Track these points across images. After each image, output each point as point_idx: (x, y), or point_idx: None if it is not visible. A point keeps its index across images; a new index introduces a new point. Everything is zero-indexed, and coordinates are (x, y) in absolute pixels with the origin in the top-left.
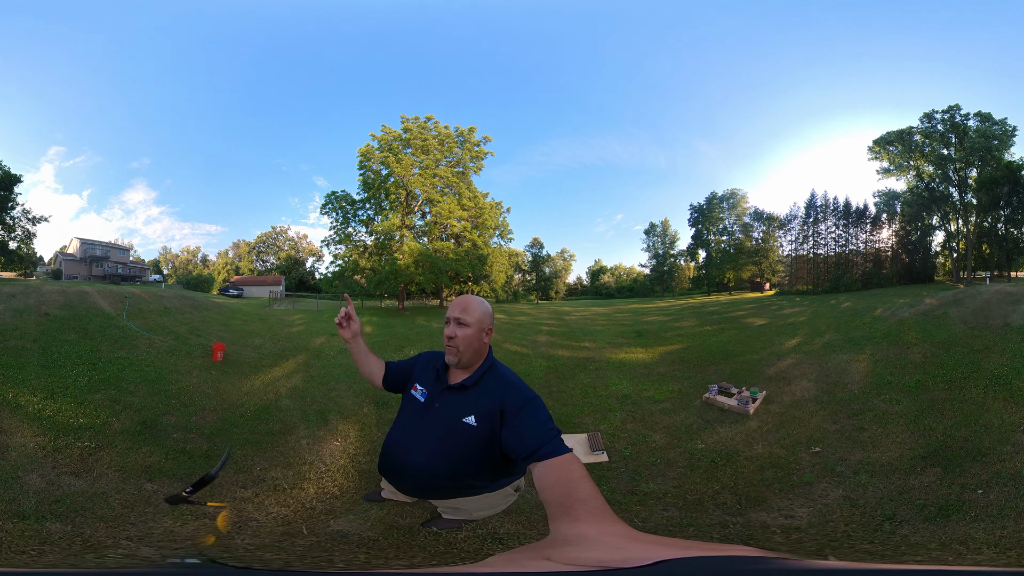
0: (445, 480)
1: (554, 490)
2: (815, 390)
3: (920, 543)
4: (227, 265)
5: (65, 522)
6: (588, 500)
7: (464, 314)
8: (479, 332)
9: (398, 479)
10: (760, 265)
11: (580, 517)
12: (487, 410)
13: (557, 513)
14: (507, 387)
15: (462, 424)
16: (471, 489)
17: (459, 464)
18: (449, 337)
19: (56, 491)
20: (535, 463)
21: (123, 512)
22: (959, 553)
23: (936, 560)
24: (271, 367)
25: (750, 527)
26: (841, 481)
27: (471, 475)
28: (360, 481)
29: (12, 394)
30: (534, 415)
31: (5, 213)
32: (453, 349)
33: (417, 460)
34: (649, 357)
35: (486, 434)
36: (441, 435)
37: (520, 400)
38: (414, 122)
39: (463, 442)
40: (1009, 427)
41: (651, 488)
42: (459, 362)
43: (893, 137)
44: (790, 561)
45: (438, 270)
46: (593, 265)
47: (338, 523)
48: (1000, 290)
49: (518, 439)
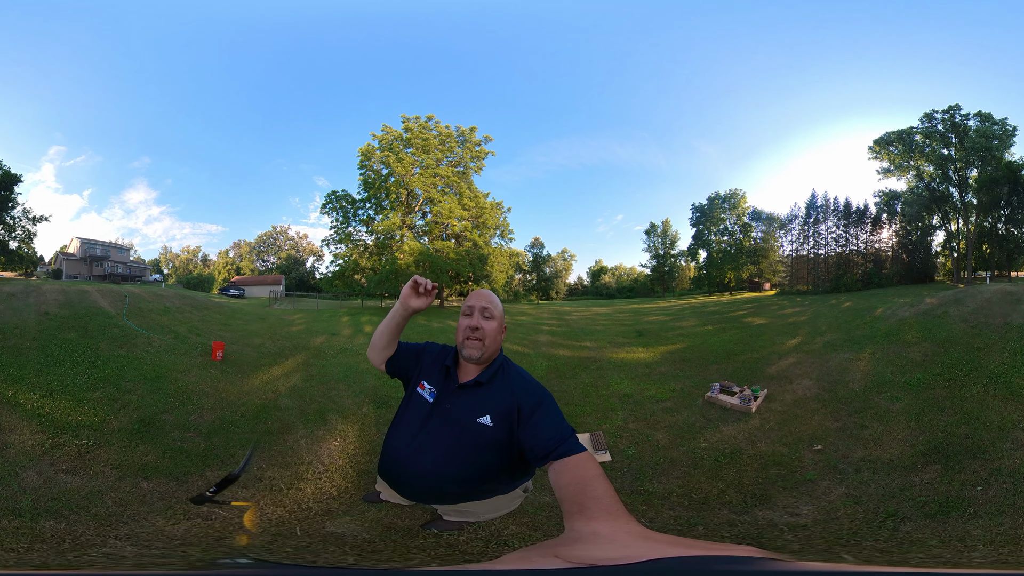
0: (458, 486)
1: (570, 488)
2: (816, 389)
3: (921, 540)
4: (227, 265)
5: (59, 520)
6: (603, 498)
7: (491, 305)
8: (501, 326)
9: (404, 487)
10: (760, 265)
11: (594, 515)
12: (503, 409)
13: (572, 511)
14: (522, 384)
15: (477, 425)
16: (484, 493)
17: (475, 468)
18: (474, 328)
19: (53, 489)
20: (551, 462)
21: (117, 511)
22: (957, 550)
23: (937, 558)
24: (271, 366)
25: (758, 526)
26: (844, 478)
27: (488, 479)
28: (359, 482)
29: (11, 392)
30: (549, 413)
31: (5, 213)
32: (477, 343)
33: (427, 467)
34: (650, 357)
35: (503, 435)
36: (455, 438)
37: (536, 398)
38: (415, 122)
39: (479, 444)
40: (1009, 424)
41: (656, 487)
42: (482, 356)
43: (893, 137)
44: (784, 563)
45: (438, 270)
46: (594, 265)
47: (334, 524)
48: (1000, 289)
49: (535, 438)
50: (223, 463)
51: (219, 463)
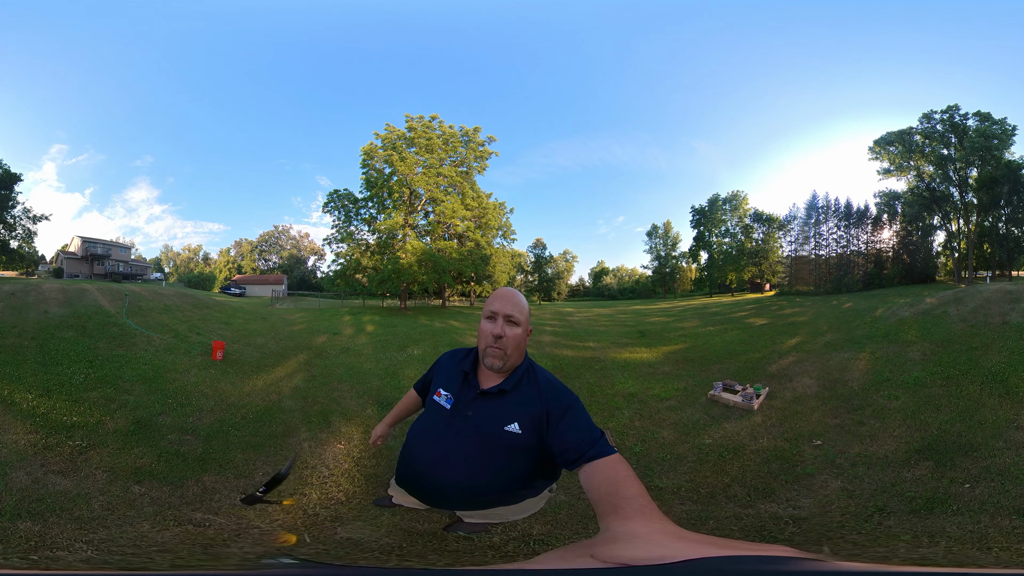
0: (493, 493)
1: (602, 489)
2: (817, 387)
3: (895, 535)
4: (229, 264)
5: (36, 521)
6: (636, 498)
7: (517, 311)
8: (527, 330)
9: (430, 495)
10: (760, 266)
11: (629, 515)
12: (532, 415)
13: (606, 511)
14: (550, 389)
15: (505, 433)
16: (517, 498)
17: (509, 475)
18: (497, 336)
19: (40, 489)
20: (583, 465)
21: (102, 514)
22: (923, 545)
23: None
24: (272, 366)
25: (761, 519)
26: (840, 473)
27: (520, 485)
28: (367, 486)
29: (7, 391)
30: (578, 417)
31: (6, 212)
32: (500, 352)
33: (458, 476)
34: (653, 357)
35: (534, 441)
36: (482, 447)
37: (564, 402)
38: (418, 121)
39: (510, 452)
40: (1003, 423)
41: (664, 483)
42: (504, 366)
43: (893, 137)
44: (821, 563)
45: (441, 270)
46: (595, 266)
47: (346, 530)
48: (1000, 289)
49: (565, 443)
50: (221, 468)
51: (217, 468)
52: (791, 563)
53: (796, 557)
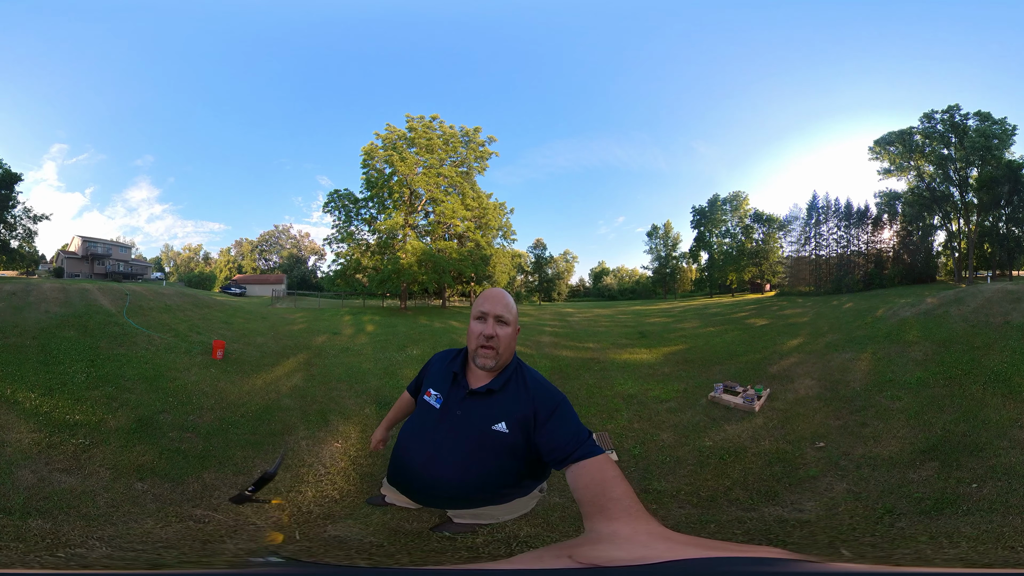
0: (481, 492)
1: (588, 490)
2: (818, 388)
3: (912, 536)
4: (229, 263)
5: (47, 519)
6: (622, 499)
7: (506, 311)
8: (516, 329)
9: (420, 494)
10: (761, 266)
11: (615, 516)
12: (520, 415)
13: (591, 512)
14: (538, 389)
15: (493, 432)
16: (505, 497)
17: (496, 475)
18: (488, 337)
19: (46, 487)
20: (569, 465)
21: (107, 511)
22: (942, 547)
23: (922, 555)
24: (272, 366)
25: (765, 522)
26: (845, 475)
27: (509, 484)
28: (361, 484)
29: (10, 390)
30: (566, 417)
31: (6, 212)
32: (491, 352)
33: (447, 475)
34: (653, 358)
35: (521, 441)
36: (470, 446)
37: (552, 402)
38: (419, 121)
39: (497, 451)
40: (1007, 422)
41: (664, 486)
42: (495, 365)
43: (893, 137)
44: (812, 564)
45: (441, 270)
46: (596, 267)
47: (336, 528)
48: (1001, 288)
49: (552, 443)
50: (221, 465)
51: (217, 465)
52: (779, 564)
53: (785, 559)
